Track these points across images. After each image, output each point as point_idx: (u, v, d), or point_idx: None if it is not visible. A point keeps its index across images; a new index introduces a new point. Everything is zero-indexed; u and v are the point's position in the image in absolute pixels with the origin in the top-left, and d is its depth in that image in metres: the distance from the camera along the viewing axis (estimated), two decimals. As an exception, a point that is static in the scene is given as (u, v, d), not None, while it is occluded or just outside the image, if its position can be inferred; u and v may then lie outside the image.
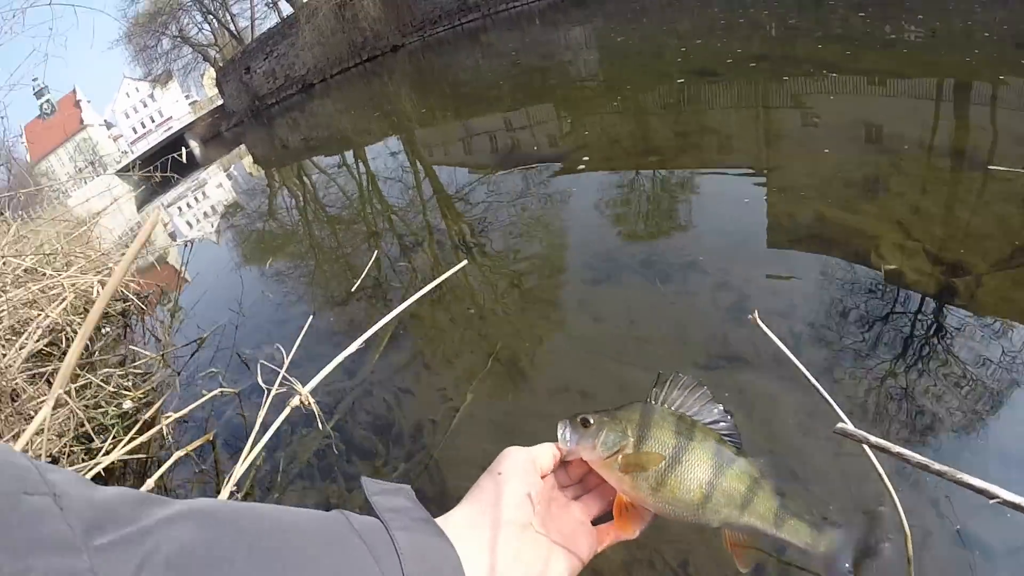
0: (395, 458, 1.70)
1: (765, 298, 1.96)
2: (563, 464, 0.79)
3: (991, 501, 0.80)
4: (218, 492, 1.75)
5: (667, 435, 0.76)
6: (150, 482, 1.56)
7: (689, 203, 2.75)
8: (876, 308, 1.84)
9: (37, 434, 1.93)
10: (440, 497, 1.57)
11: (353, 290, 2.68)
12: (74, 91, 50.07)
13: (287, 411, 1.46)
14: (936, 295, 1.80)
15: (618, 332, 1.98)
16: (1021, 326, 1.66)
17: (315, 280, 3.32)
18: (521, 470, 0.70)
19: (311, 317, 1.90)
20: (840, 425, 0.93)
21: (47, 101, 48.26)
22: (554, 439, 0.76)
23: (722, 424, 0.80)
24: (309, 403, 1.46)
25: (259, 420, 1.59)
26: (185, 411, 1.90)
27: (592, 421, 0.75)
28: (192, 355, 2.59)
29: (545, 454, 0.76)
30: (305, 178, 7.15)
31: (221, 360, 2.47)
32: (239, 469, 1.46)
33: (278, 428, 1.62)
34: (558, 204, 3.15)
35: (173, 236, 7.23)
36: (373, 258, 2.88)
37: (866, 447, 1.00)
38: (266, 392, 1.64)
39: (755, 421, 1.61)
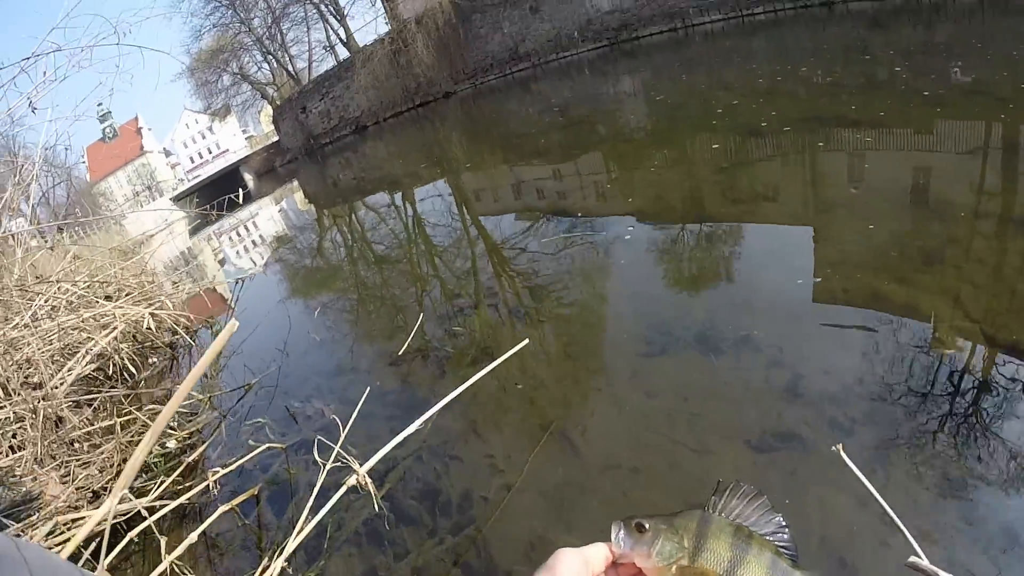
0: (443, 529, 1.67)
1: (819, 379, 1.92)
2: (614, 563, 0.75)
3: None
4: (260, 554, 1.74)
5: (723, 547, 0.73)
6: (194, 536, 1.56)
7: (744, 274, 2.72)
8: (932, 397, 1.79)
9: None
10: (486, 572, 1.54)
11: (402, 352, 2.66)
12: (136, 118, 52.34)
13: (343, 490, 1.46)
14: (991, 380, 1.76)
15: (671, 408, 1.94)
16: None
17: (361, 323, 3.35)
18: (574, 573, 0.67)
19: (368, 389, 1.91)
20: (912, 559, 0.91)
21: (110, 126, 50.44)
22: (606, 536, 0.72)
23: (779, 535, 0.75)
24: (366, 483, 1.46)
25: (314, 493, 1.60)
26: (234, 466, 1.91)
27: (648, 527, 0.72)
28: (239, 400, 2.60)
29: (598, 556, 0.73)
30: (354, 217, 7.32)
31: (268, 409, 2.47)
32: (291, 544, 1.45)
33: (328, 496, 1.63)
34: (608, 264, 3.14)
35: (223, 263, 7.43)
36: (418, 323, 2.84)
37: None
38: (321, 467, 1.64)
39: (806, 509, 1.57)
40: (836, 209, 3.15)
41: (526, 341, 1.74)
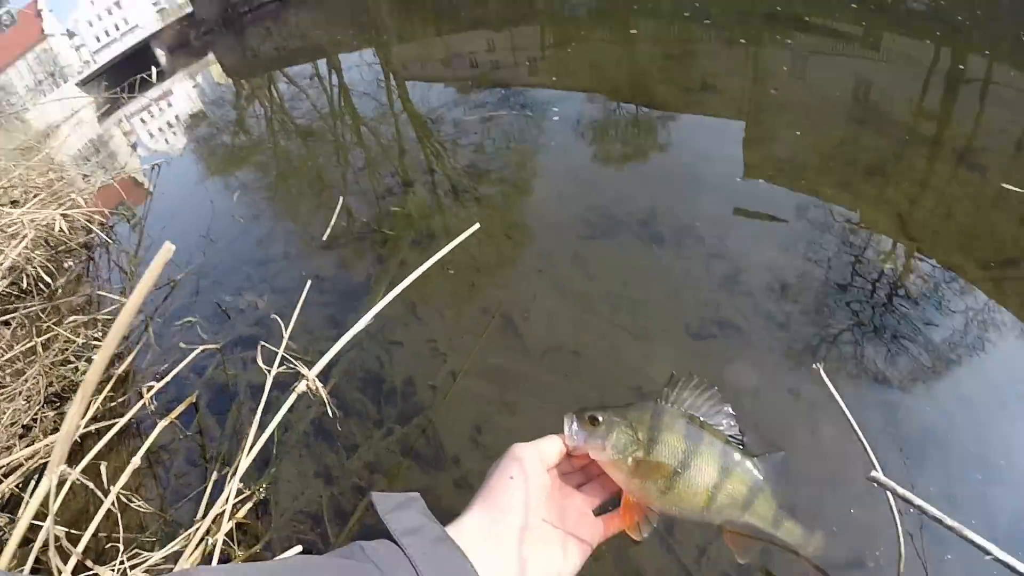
0: (390, 420, 1.65)
1: (759, 273, 1.95)
2: (567, 455, 0.77)
3: (987, 557, 0.87)
4: (207, 467, 1.66)
5: (677, 439, 0.75)
6: (136, 459, 1.46)
7: (690, 165, 2.67)
8: (865, 302, 1.86)
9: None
10: (436, 459, 1.54)
11: (334, 235, 2.50)
12: (34, 0, 46.24)
13: (292, 398, 1.39)
14: (926, 294, 1.86)
15: (612, 292, 1.92)
16: (1010, 336, 1.73)
17: (289, 204, 3.13)
18: (530, 471, 0.69)
19: (308, 284, 1.80)
20: (873, 474, 0.96)
21: (7, 12, 44.40)
22: (550, 421, 0.74)
23: (729, 425, 0.79)
24: (316, 388, 1.40)
25: (261, 404, 1.49)
26: (168, 377, 1.76)
27: (602, 420, 0.73)
28: (165, 298, 2.41)
29: (552, 449, 0.73)
30: (275, 90, 6.76)
31: (197, 305, 2.30)
32: (244, 462, 1.38)
33: (270, 394, 1.55)
34: (548, 144, 3.01)
35: (135, 147, 6.84)
36: (339, 207, 2.62)
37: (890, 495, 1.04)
38: (267, 375, 1.54)
39: (743, 390, 1.62)
40: (776, 108, 3.10)
41: (476, 225, 1.65)
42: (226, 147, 5.17)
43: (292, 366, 1.49)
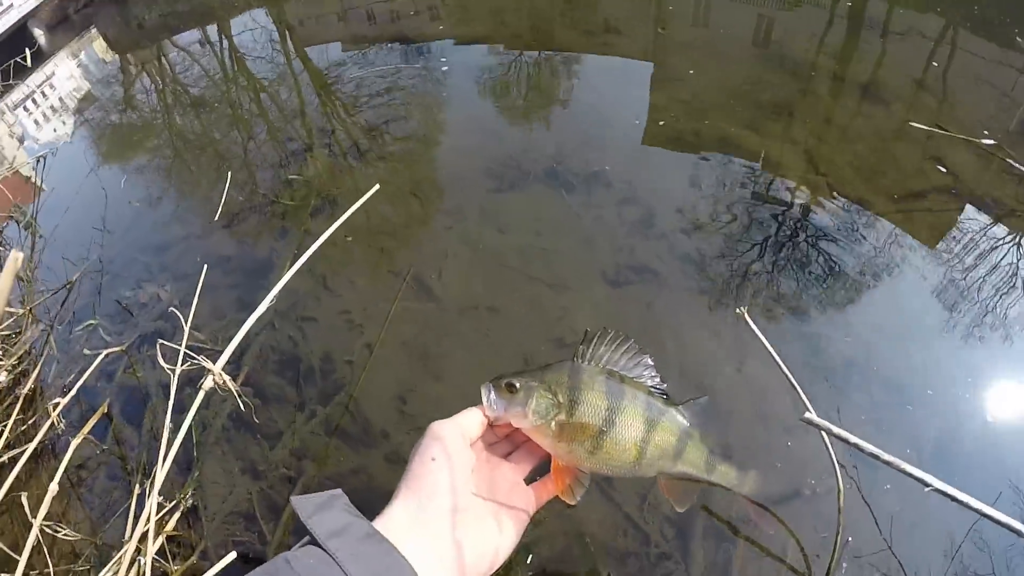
0: (312, 401, 1.59)
1: (671, 216, 1.97)
2: (489, 426, 0.75)
3: (926, 489, 0.89)
4: (129, 480, 1.55)
5: (598, 397, 0.73)
6: (54, 486, 1.34)
7: (594, 109, 2.64)
8: (782, 240, 1.92)
9: None
10: (364, 435, 1.51)
11: (230, 211, 2.36)
12: None
13: (200, 397, 1.30)
14: (835, 227, 1.93)
15: (525, 244, 1.91)
16: (919, 263, 1.82)
17: (185, 182, 2.88)
18: (452, 449, 0.67)
19: (205, 268, 1.69)
20: (807, 415, 0.97)
21: None
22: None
23: (649, 375, 0.78)
24: (224, 382, 1.31)
25: (169, 407, 1.41)
26: (74, 390, 1.63)
27: (519, 386, 0.71)
28: (63, 303, 2.20)
29: (472, 423, 0.72)
30: (165, 60, 6.28)
31: (98, 305, 2.12)
32: (160, 474, 1.29)
33: (183, 392, 1.46)
34: (446, 95, 2.91)
35: (22, 140, 6.27)
36: (227, 183, 2.48)
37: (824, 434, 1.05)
38: (172, 376, 1.44)
39: (665, 335, 1.64)
40: (680, 49, 3.10)
41: (376, 187, 1.59)
42: (117, 128, 4.79)
43: (196, 360, 1.41)
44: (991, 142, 2.21)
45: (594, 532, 1.29)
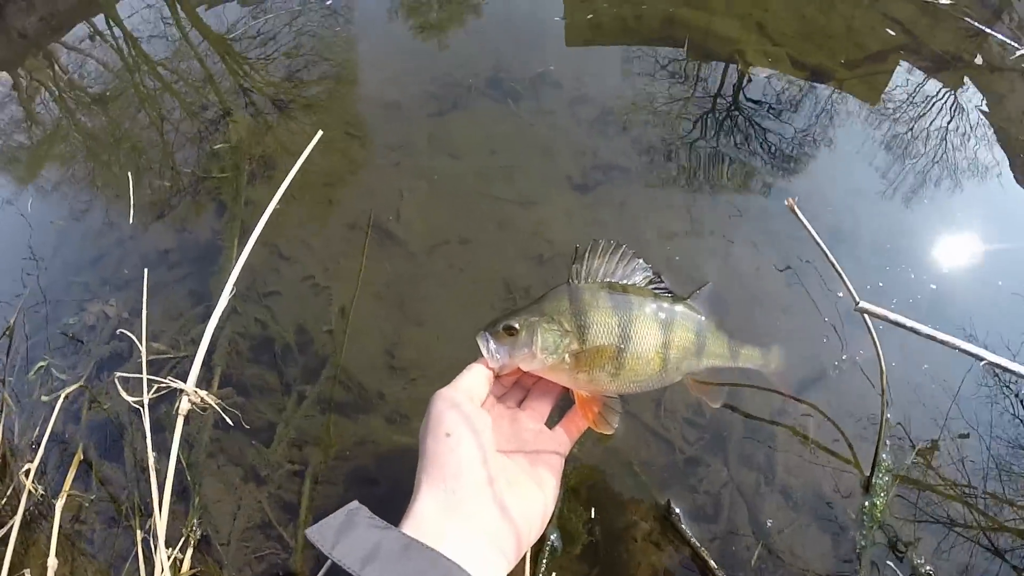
0: (297, 383, 1.44)
1: (629, 109, 1.83)
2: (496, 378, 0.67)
3: (981, 363, 0.88)
4: (128, 524, 1.38)
5: (607, 315, 0.65)
6: (51, 561, 1.21)
7: (522, 8, 2.41)
8: (746, 117, 1.83)
9: None
10: (360, 403, 1.38)
11: (133, 219, 2.10)
12: None
13: (180, 424, 1.14)
14: (799, 97, 1.87)
15: (481, 165, 1.72)
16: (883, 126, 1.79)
17: (106, 184, 2.61)
18: (466, 418, 0.57)
19: (146, 271, 1.50)
20: (861, 304, 0.95)
21: None
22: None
23: (649, 277, 0.71)
24: (202, 400, 1.16)
25: (148, 441, 1.24)
26: (41, 449, 1.44)
27: (519, 325, 0.63)
28: (7, 351, 1.93)
29: (478, 382, 0.62)
30: (57, 66, 5.79)
31: (44, 342, 1.88)
32: (161, 524, 1.13)
33: (159, 413, 1.31)
34: (359, 27, 2.62)
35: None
36: (135, 174, 2.25)
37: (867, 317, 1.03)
38: (143, 408, 1.27)
39: (645, 230, 1.55)
40: None
41: (320, 133, 1.41)
42: (23, 149, 4.41)
43: (164, 385, 1.25)
44: (947, 1, 2.18)
45: (625, 452, 1.23)
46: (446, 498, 0.55)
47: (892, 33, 2.06)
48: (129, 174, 2.28)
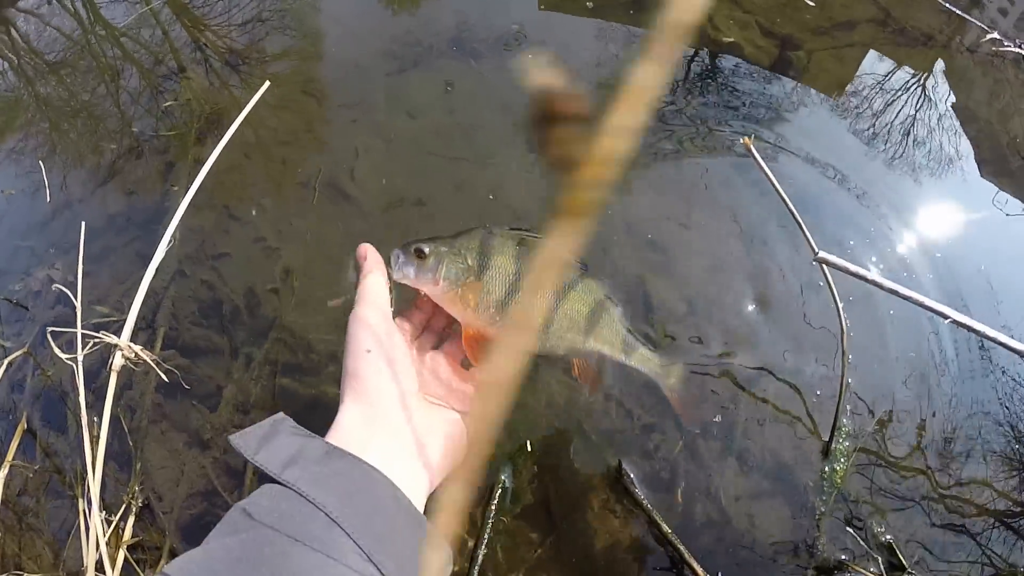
0: (245, 345, 1.38)
1: (592, 69, 1.80)
2: (406, 315, 0.70)
3: (946, 321, 0.85)
4: (72, 494, 1.33)
5: (507, 262, 0.66)
6: None
7: None
8: (713, 84, 1.80)
9: None
10: (309, 366, 1.34)
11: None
12: None
13: (114, 380, 1.09)
14: (772, 67, 1.85)
15: (439, 125, 1.66)
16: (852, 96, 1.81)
17: (60, 150, 2.56)
18: (382, 333, 0.59)
19: (83, 225, 1.43)
20: (822, 254, 0.92)
21: None
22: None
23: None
24: (136, 355, 1.11)
25: (82, 400, 1.18)
26: None
27: (428, 251, 0.64)
28: None
29: (381, 293, 0.61)
30: (14, 32, 5.59)
31: None
32: (95, 487, 1.07)
33: (103, 378, 1.24)
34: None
35: None
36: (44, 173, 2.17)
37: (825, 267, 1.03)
38: (76, 364, 1.21)
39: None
40: None
41: (267, 84, 1.34)
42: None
43: (97, 340, 1.19)
44: None
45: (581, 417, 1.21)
46: (370, 411, 0.55)
47: (867, 8, 2.06)
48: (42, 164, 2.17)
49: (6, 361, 1.52)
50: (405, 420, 0.56)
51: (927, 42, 1.96)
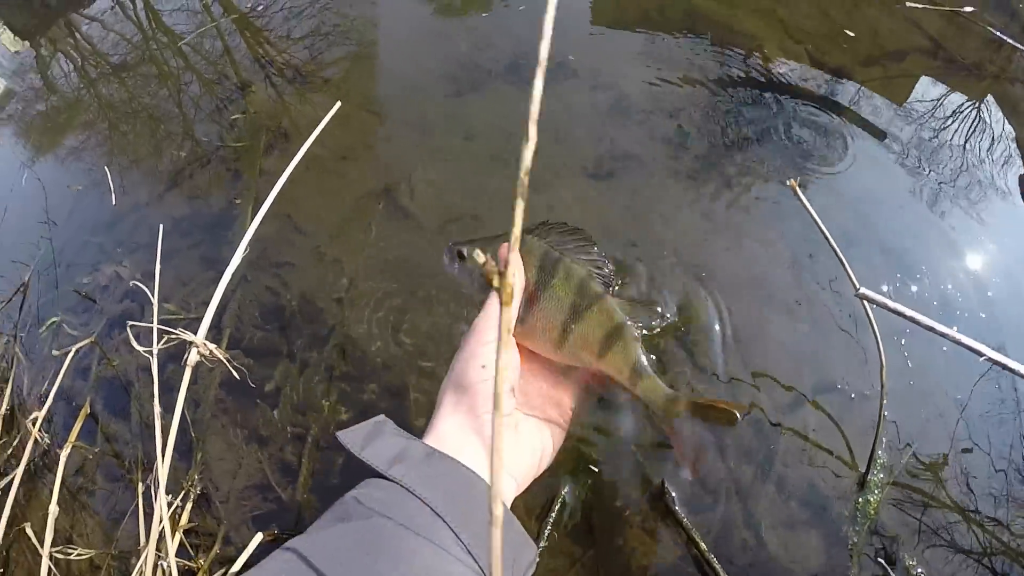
0: (304, 350, 1.45)
1: (648, 100, 1.81)
2: None
3: (981, 359, 0.86)
4: (129, 479, 1.41)
5: (530, 269, 0.69)
6: (53, 507, 1.22)
7: None
8: (763, 113, 1.80)
9: None
10: (363, 374, 1.39)
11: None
12: None
13: (187, 376, 1.15)
14: (821, 96, 1.84)
15: (496, 147, 1.72)
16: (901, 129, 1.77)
17: (122, 152, 2.60)
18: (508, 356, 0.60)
19: (161, 227, 1.51)
20: (862, 290, 0.93)
21: None
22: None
23: (596, 260, 0.71)
24: (211, 353, 1.17)
25: (155, 393, 1.22)
26: (50, 400, 1.46)
27: (465, 254, 0.71)
28: (21, 308, 1.99)
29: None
30: (78, 36, 5.80)
31: (56, 301, 1.91)
32: (163, 470, 1.13)
33: (166, 370, 1.32)
34: (383, 6, 2.61)
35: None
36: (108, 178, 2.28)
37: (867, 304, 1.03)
38: (151, 357, 1.27)
39: (654, 220, 1.54)
40: None
41: (338, 104, 1.41)
42: (43, 116, 4.43)
43: (174, 336, 1.25)
44: (970, 9, 2.14)
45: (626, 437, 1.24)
46: (468, 421, 0.57)
47: (917, 38, 2.05)
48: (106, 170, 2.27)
49: (74, 348, 1.60)
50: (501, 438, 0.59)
51: (978, 72, 1.97)
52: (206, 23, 3.52)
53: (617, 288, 0.73)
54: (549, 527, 1.15)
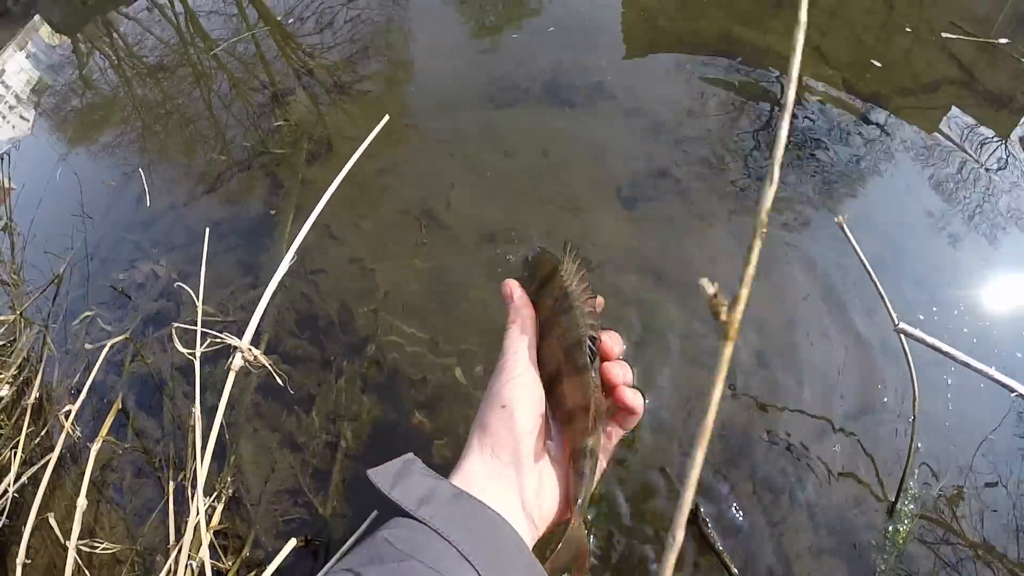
0: (338, 358, 1.46)
1: (684, 123, 1.82)
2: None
3: (1012, 395, 0.86)
4: (158, 476, 1.42)
5: (546, 303, 0.70)
6: (81, 500, 1.22)
7: (587, 17, 2.40)
8: (795, 138, 1.80)
9: None
10: (395, 386, 1.40)
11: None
12: None
13: (231, 379, 1.16)
14: (855, 124, 1.84)
15: (533, 164, 1.73)
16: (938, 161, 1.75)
17: (158, 152, 2.65)
18: (519, 388, 0.60)
19: (207, 233, 1.53)
20: (902, 325, 0.94)
21: None
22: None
23: (593, 325, 0.65)
24: (256, 358, 1.18)
25: (197, 394, 1.24)
26: (83, 394, 1.47)
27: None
28: (54, 299, 2.00)
29: (529, 343, 0.64)
30: (116, 35, 5.90)
31: (90, 294, 1.94)
32: (202, 471, 1.15)
33: (206, 376, 1.31)
34: (420, 18, 2.65)
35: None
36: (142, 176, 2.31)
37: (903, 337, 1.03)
38: (195, 359, 1.28)
39: (689, 246, 1.54)
40: None
41: (387, 117, 1.43)
42: (78, 112, 4.51)
43: (218, 339, 1.27)
44: (1005, 41, 2.15)
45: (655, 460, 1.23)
46: (492, 463, 0.58)
47: (950, 68, 2.05)
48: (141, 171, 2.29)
49: (108, 343, 1.61)
50: (523, 477, 0.58)
51: (1009, 104, 1.97)
52: (242, 30, 3.59)
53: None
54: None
